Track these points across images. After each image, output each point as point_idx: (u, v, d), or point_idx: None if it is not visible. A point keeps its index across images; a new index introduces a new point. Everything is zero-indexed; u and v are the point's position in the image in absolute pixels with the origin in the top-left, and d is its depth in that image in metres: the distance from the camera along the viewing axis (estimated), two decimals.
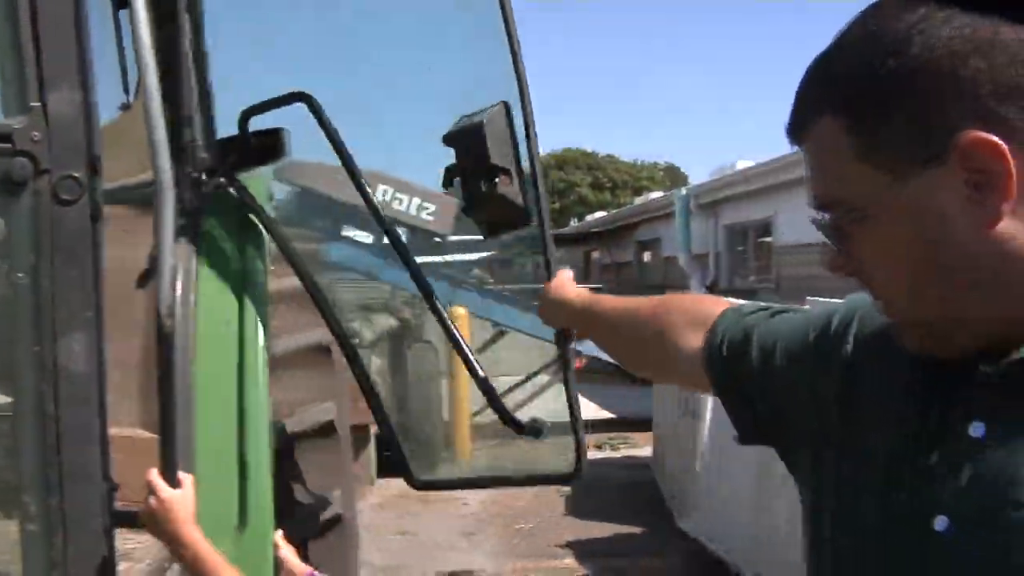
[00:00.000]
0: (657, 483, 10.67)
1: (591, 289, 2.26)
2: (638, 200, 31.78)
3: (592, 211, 43.57)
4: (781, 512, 6.93)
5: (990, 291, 1.09)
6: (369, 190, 2.58)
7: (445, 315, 2.51)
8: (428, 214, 12.85)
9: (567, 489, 11.08)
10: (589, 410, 14.53)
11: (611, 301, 1.97)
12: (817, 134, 1.16)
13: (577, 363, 9.35)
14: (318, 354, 3.33)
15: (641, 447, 13.12)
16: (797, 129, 1.20)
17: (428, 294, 2.51)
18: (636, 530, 9.31)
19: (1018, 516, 1.03)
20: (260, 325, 2.81)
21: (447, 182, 2.27)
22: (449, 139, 2.26)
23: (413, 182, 13.45)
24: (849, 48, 1.12)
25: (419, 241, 12.89)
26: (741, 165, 21.28)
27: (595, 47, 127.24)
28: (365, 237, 13.54)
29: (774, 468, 7.14)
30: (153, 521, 2.05)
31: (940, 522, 1.09)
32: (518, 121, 2.31)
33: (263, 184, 3.07)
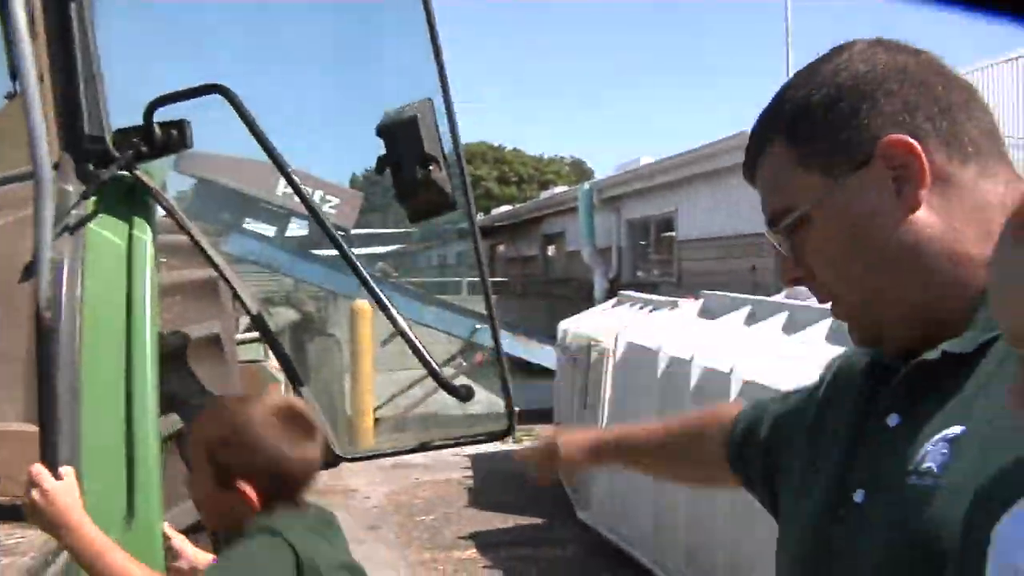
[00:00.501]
0: (559, 475, 10.74)
1: (496, 284, 2.45)
2: (544, 194, 31.89)
3: (498, 205, 43.60)
4: (680, 501, 7.05)
5: (913, 277, 1.28)
6: (295, 179, 2.64)
7: (386, 302, 2.64)
8: (331, 207, 12.80)
9: (469, 482, 11.13)
10: (490, 404, 14.59)
11: (636, 434, 2.16)
12: (767, 160, 1.40)
13: (478, 358, 9.48)
14: (210, 346, 3.31)
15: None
16: (751, 165, 1.45)
17: (365, 281, 2.70)
18: (538, 521, 9.38)
19: (915, 482, 1.21)
20: (149, 317, 2.79)
21: (379, 170, 2.44)
22: (382, 131, 2.43)
23: (317, 175, 13.42)
24: (790, 89, 1.38)
25: (322, 236, 12.80)
26: (645, 161, 21.51)
27: (504, 42, 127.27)
28: (267, 229, 13.47)
29: None
30: (36, 512, 2.03)
31: (858, 494, 1.30)
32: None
33: (160, 175, 3.05)
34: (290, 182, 2.69)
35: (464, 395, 2.65)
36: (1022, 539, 0.96)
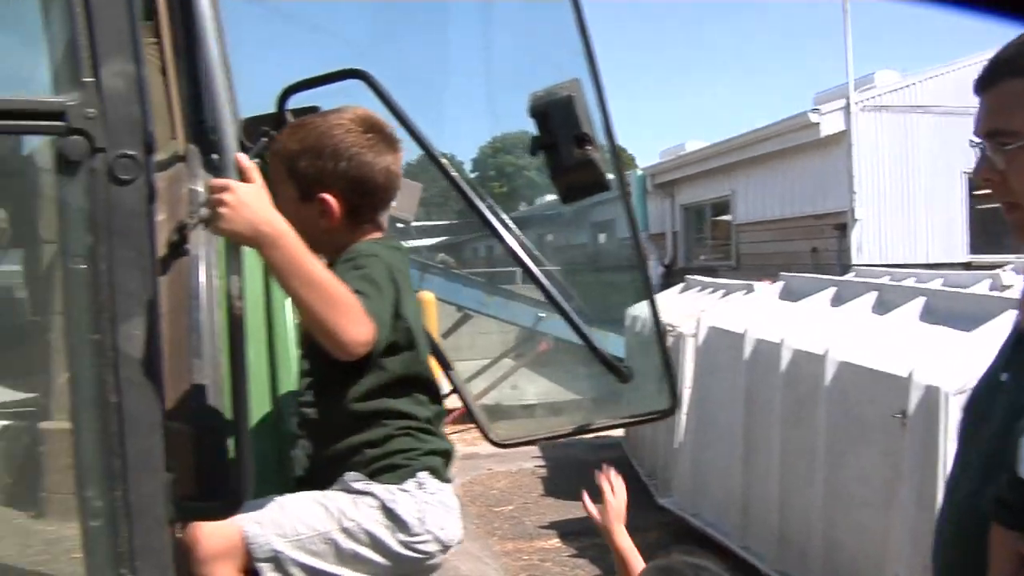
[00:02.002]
0: (630, 461, 10.66)
1: (547, 271, 2.66)
2: None
3: (541, 194, 43.47)
4: (771, 484, 6.95)
5: None
6: (444, 162, 2.62)
7: (543, 279, 2.62)
8: None
9: (542, 471, 11.08)
10: (558, 392, 14.52)
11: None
12: (1000, 87, 1.76)
13: (543, 345, 9.40)
14: None
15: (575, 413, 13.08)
16: (986, 83, 1.78)
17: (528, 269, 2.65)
18: None
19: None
20: (289, 309, 2.75)
21: (533, 150, 2.43)
22: (535, 111, 2.41)
23: None
24: None
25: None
26: (691, 146, 21.36)
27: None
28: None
29: (760, 437, 7.17)
30: (232, 216, 1.95)
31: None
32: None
33: None
34: (439, 166, 2.65)
35: (626, 375, 2.67)
36: None
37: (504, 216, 2.74)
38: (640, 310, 10.62)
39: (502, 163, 54.25)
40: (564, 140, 2.41)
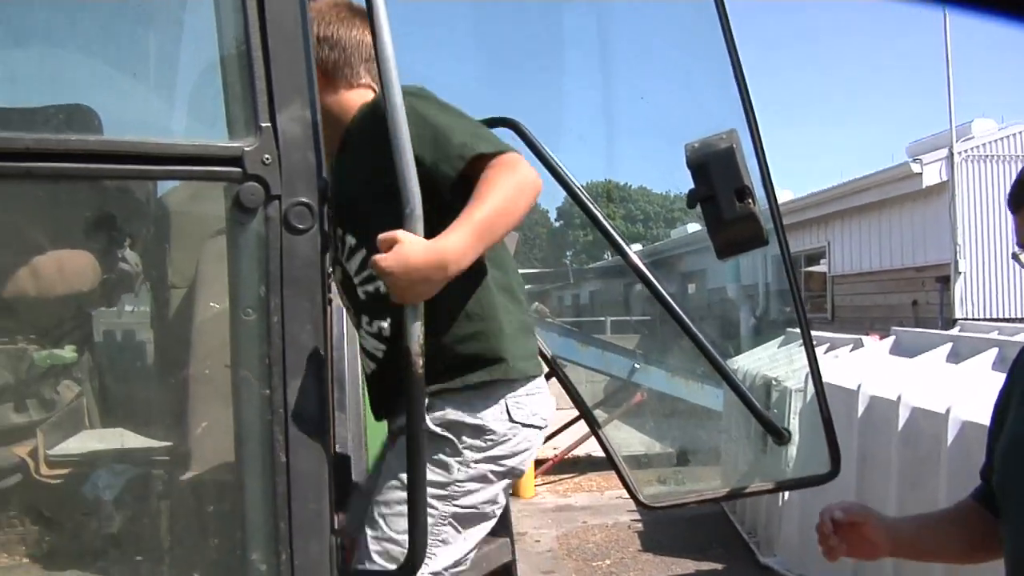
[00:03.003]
0: (728, 517, 10.40)
1: (637, 323, 2.49)
2: (674, 232, 31.55)
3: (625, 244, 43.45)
4: None
5: None
6: (597, 213, 2.54)
7: (703, 340, 2.60)
8: None
9: (639, 525, 10.85)
10: (650, 444, 14.30)
11: (910, 529, 2.37)
12: None
13: (638, 397, 9.20)
14: None
15: (706, 481, 12.84)
16: (1018, 202, 1.90)
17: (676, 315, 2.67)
18: (718, 567, 9.04)
19: None
20: None
21: (691, 203, 2.34)
22: (693, 163, 2.33)
23: None
24: None
25: None
26: (784, 196, 21.14)
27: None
28: None
29: (875, 496, 6.91)
30: (409, 273, 1.85)
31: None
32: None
33: None
34: (589, 215, 2.58)
35: (786, 437, 2.65)
36: None
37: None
38: (744, 362, 10.42)
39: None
40: (724, 193, 2.32)
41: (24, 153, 1.60)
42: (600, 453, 11.77)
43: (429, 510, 2.04)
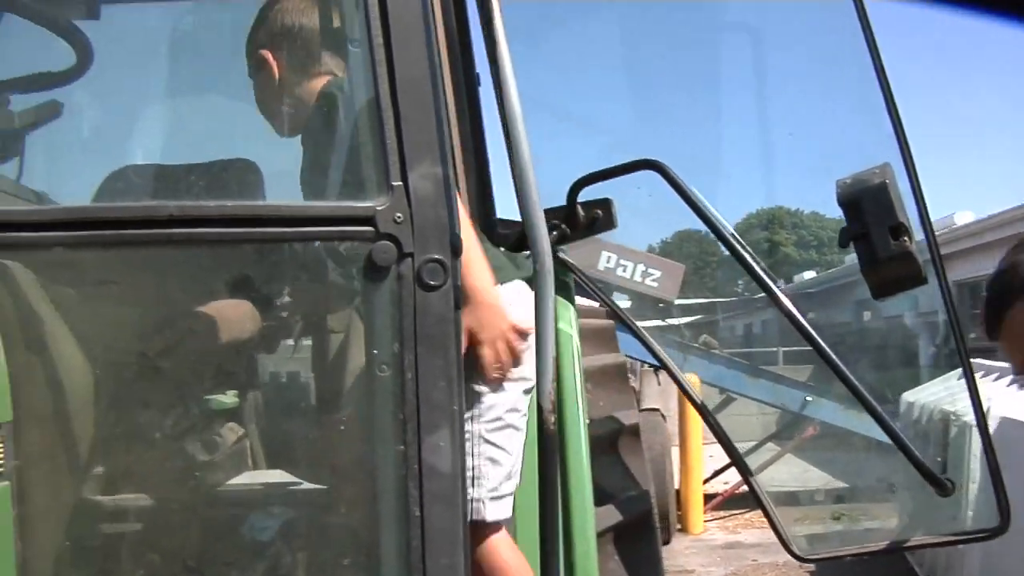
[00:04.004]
0: (906, 557, 10.01)
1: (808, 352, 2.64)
2: (848, 258, 30.76)
3: (799, 271, 42.55)
4: None
5: None
6: (741, 250, 2.49)
7: (849, 376, 2.56)
8: (653, 280, 12.64)
9: (811, 565, 10.54)
10: (822, 480, 13.91)
11: None
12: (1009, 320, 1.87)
13: (810, 431, 8.92)
14: (630, 436, 3.17)
15: (881, 519, 12.39)
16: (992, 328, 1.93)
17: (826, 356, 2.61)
18: None
19: None
20: (580, 408, 2.65)
21: (843, 242, 2.28)
22: (845, 200, 2.25)
23: (636, 248, 13.32)
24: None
25: (644, 307, 12.69)
26: (961, 219, 20.37)
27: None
28: (587, 303, 13.44)
29: None
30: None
31: None
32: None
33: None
34: (734, 253, 2.53)
35: (949, 488, 2.52)
36: None
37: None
38: (921, 395, 10.06)
39: (757, 239, 53.56)
40: (877, 230, 2.24)
41: (168, 220, 1.67)
42: (773, 488, 11.50)
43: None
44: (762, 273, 2.52)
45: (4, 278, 1.75)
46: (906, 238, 2.23)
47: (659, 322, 14.22)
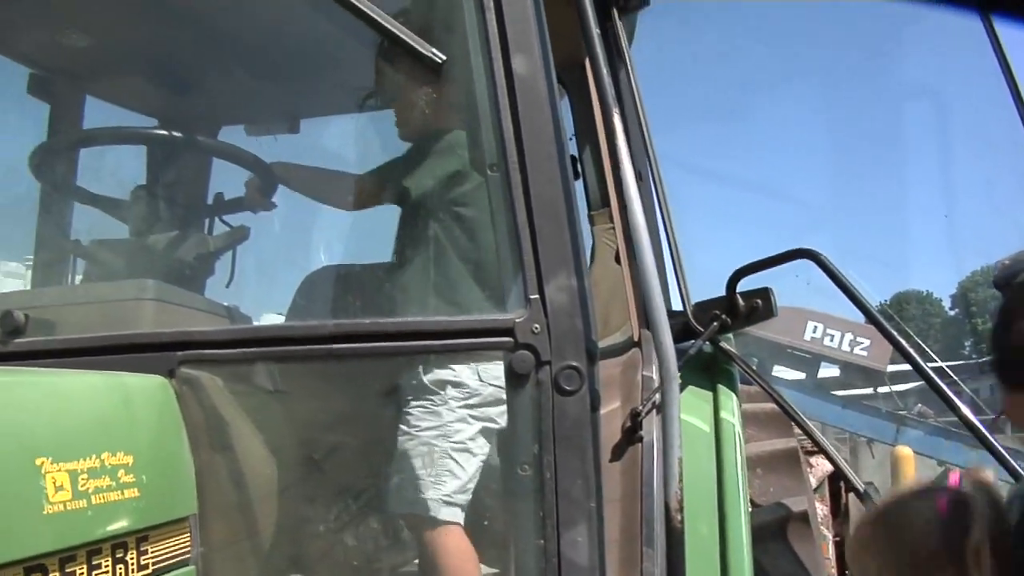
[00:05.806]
0: None
1: None
2: None
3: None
4: None
5: None
6: (894, 334, 2.51)
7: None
8: (862, 349, 12.35)
9: None
10: None
11: None
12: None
13: None
14: (800, 522, 3.16)
15: None
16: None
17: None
18: None
19: None
20: (742, 496, 2.67)
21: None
22: (1001, 283, 2.20)
23: (844, 317, 13.04)
24: None
25: (854, 376, 12.40)
26: None
27: None
28: (796, 375, 13.23)
29: None
30: None
31: None
32: None
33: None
34: (889, 338, 2.54)
35: None
36: None
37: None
38: None
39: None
40: None
41: (328, 336, 1.86)
42: None
43: (433, 448, 2.15)
44: (914, 353, 2.52)
45: (193, 388, 1.96)
46: None
47: (869, 390, 13.83)
